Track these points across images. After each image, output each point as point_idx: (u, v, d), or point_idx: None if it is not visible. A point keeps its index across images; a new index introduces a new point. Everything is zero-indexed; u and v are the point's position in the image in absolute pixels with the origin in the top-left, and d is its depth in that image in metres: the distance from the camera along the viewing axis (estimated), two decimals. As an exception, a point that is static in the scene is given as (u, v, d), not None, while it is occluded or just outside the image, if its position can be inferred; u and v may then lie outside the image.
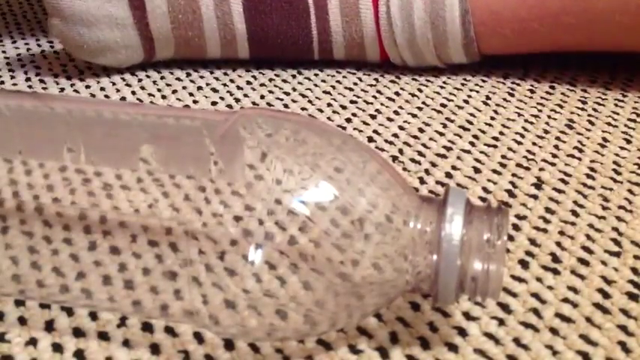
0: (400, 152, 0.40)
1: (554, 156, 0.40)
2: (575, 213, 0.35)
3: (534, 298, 0.30)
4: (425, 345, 0.28)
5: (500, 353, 0.27)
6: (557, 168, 0.38)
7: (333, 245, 0.24)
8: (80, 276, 0.25)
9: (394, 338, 0.28)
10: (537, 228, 0.34)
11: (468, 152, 0.40)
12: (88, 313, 0.29)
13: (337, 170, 0.25)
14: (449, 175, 0.38)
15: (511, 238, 0.33)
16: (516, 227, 0.34)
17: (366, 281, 0.24)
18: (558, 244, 0.33)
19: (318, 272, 0.24)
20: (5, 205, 0.25)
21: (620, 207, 0.35)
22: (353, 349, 0.28)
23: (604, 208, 0.35)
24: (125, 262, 0.25)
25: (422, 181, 0.38)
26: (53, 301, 0.26)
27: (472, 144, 0.41)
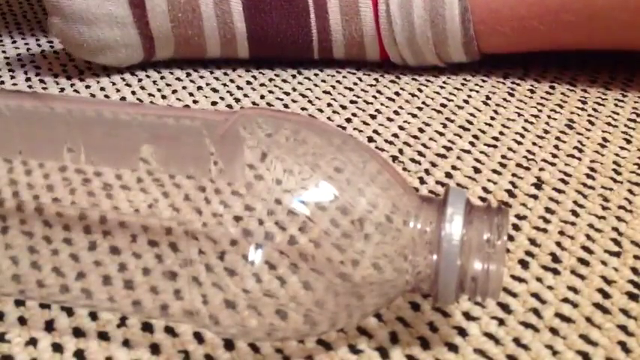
0: (400, 152, 0.40)
1: (554, 156, 0.40)
2: (575, 213, 0.35)
3: (534, 298, 0.30)
4: (425, 345, 0.28)
5: (500, 353, 0.27)
6: (557, 168, 0.38)
7: (333, 245, 0.24)
8: (80, 276, 0.25)
9: (394, 338, 0.28)
10: (537, 228, 0.34)
11: (468, 152, 0.40)
12: (88, 313, 0.29)
13: (337, 170, 0.25)
14: (449, 175, 0.38)
15: (511, 238, 0.33)
16: (516, 227, 0.34)
17: (366, 281, 0.24)
18: (558, 244, 0.33)
19: (318, 272, 0.24)
20: (5, 205, 0.25)
21: (620, 207, 0.35)
22: (353, 349, 0.28)
23: (604, 208, 0.35)
24: (125, 262, 0.25)
25: (422, 181, 0.38)
26: (53, 301, 0.26)
27: (472, 144, 0.41)
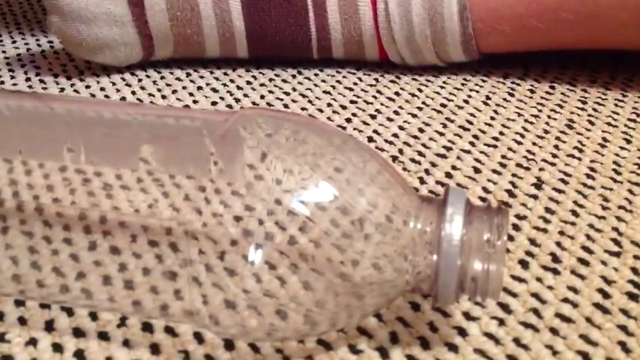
0: (400, 152, 0.40)
1: (554, 156, 0.40)
2: (575, 213, 0.35)
3: (534, 298, 0.30)
4: (425, 345, 0.28)
5: (500, 353, 0.27)
6: (557, 168, 0.38)
7: (333, 245, 0.24)
8: (80, 276, 0.25)
9: (394, 338, 0.28)
10: (537, 228, 0.34)
11: (468, 152, 0.40)
12: (88, 313, 0.29)
13: (337, 170, 0.25)
14: (449, 175, 0.38)
15: (511, 238, 0.33)
16: (516, 227, 0.34)
17: (366, 281, 0.24)
18: (558, 244, 0.33)
19: (318, 272, 0.24)
20: (5, 205, 0.25)
21: (620, 207, 0.35)
22: (353, 349, 0.28)
23: (604, 208, 0.35)
24: (125, 262, 0.25)
25: (422, 181, 0.38)
26: (53, 301, 0.26)
27: (472, 144, 0.41)
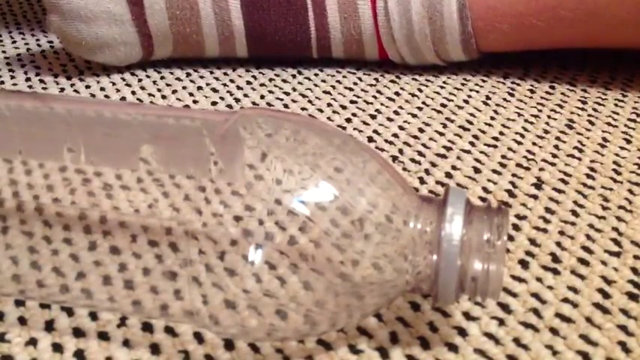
0: (400, 152, 0.40)
1: (554, 156, 0.40)
2: (575, 213, 0.35)
3: (534, 298, 0.30)
4: (425, 345, 0.28)
5: (500, 353, 0.27)
6: (557, 168, 0.38)
7: (333, 245, 0.24)
8: (80, 276, 0.25)
9: (394, 338, 0.28)
10: (537, 228, 0.34)
11: (468, 152, 0.40)
12: (88, 313, 0.29)
13: (337, 170, 0.25)
14: (449, 175, 0.38)
15: (511, 238, 0.33)
16: (516, 227, 0.34)
17: (366, 281, 0.24)
18: (558, 244, 0.33)
19: (318, 272, 0.24)
20: (5, 205, 0.25)
21: (620, 207, 0.35)
22: (353, 349, 0.28)
23: (604, 208, 0.35)
24: (125, 262, 0.25)
25: (422, 181, 0.38)
26: (53, 301, 0.26)
27: (472, 144, 0.41)
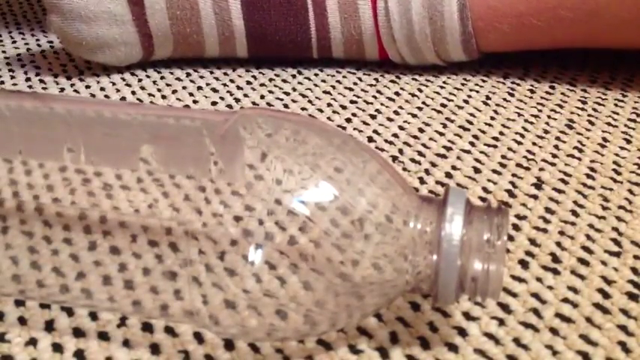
0: (400, 152, 0.40)
1: (554, 156, 0.40)
2: (575, 213, 0.35)
3: (534, 298, 0.30)
4: (425, 345, 0.28)
5: (500, 353, 0.27)
6: (557, 168, 0.38)
7: (333, 245, 0.24)
8: (80, 276, 0.25)
9: (394, 338, 0.28)
10: (537, 228, 0.34)
11: (468, 152, 0.40)
12: (88, 313, 0.29)
13: (337, 170, 0.25)
14: (449, 175, 0.38)
15: (511, 238, 0.33)
16: (516, 227, 0.34)
17: (366, 281, 0.24)
18: (558, 244, 0.33)
19: (318, 272, 0.24)
20: (5, 205, 0.25)
21: (620, 207, 0.35)
22: (353, 349, 0.28)
23: (604, 208, 0.35)
24: (125, 262, 0.25)
25: (422, 181, 0.38)
26: (53, 301, 0.26)
27: (472, 144, 0.41)
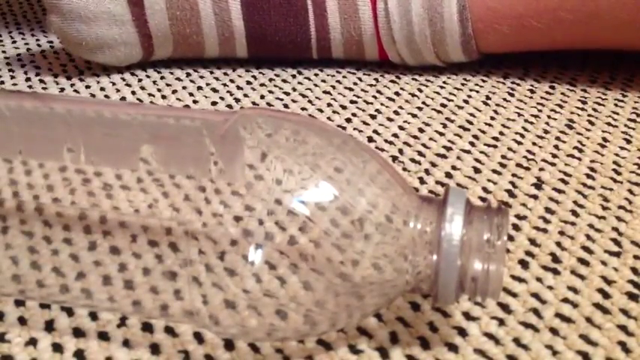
0: (400, 152, 0.40)
1: (554, 156, 0.40)
2: (575, 213, 0.35)
3: (534, 298, 0.30)
4: (425, 345, 0.28)
5: (500, 353, 0.27)
6: (557, 168, 0.38)
7: (333, 245, 0.24)
8: (80, 276, 0.25)
9: (394, 338, 0.28)
10: (537, 228, 0.34)
11: (468, 152, 0.40)
12: (88, 313, 0.29)
13: (337, 170, 0.25)
14: (449, 175, 0.38)
15: (511, 238, 0.33)
16: (516, 227, 0.34)
17: (366, 281, 0.24)
18: (558, 244, 0.33)
19: (318, 272, 0.24)
20: (5, 205, 0.25)
21: (620, 207, 0.35)
22: (353, 349, 0.28)
23: (604, 208, 0.35)
24: (125, 262, 0.25)
25: (422, 181, 0.38)
26: (53, 301, 0.26)
27: (472, 144, 0.41)
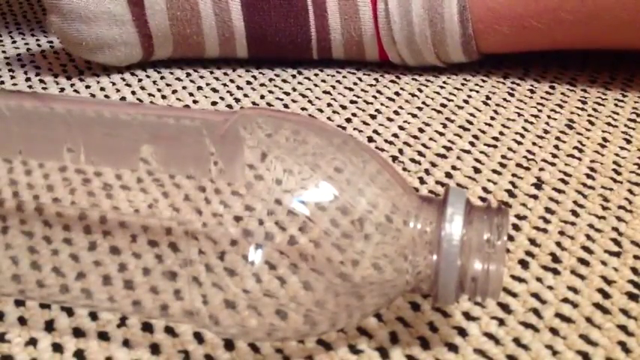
0: (400, 152, 0.40)
1: (554, 156, 0.40)
2: (575, 213, 0.35)
3: (534, 298, 0.30)
4: (425, 345, 0.28)
5: (500, 353, 0.27)
6: (557, 168, 0.38)
7: (333, 245, 0.24)
8: (80, 276, 0.25)
9: (394, 338, 0.28)
10: (537, 228, 0.34)
11: (468, 152, 0.40)
12: (88, 313, 0.29)
13: (337, 170, 0.25)
14: (449, 175, 0.38)
15: (511, 238, 0.33)
16: (516, 227, 0.34)
17: (366, 281, 0.24)
18: (558, 244, 0.33)
19: (318, 272, 0.24)
20: (5, 205, 0.25)
21: (620, 207, 0.35)
22: (353, 349, 0.28)
23: (604, 208, 0.35)
24: (125, 262, 0.25)
25: (422, 181, 0.38)
26: (53, 301, 0.26)
27: (472, 144, 0.41)
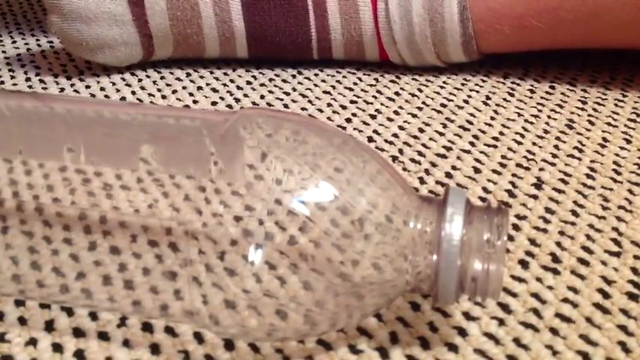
0: (400, 152, 0.40)
1: (554, 156, 0.40)
2: (575, 213, 0.35)
3: (534, 298, 0.30)
4: (425, 345, 0.28)
5: (500, 353, 0.27)
6: (557, 168, 0.38)
7: (333, 245, 0.24)
8: (80, 276, 0.25)
9: (394, 338, 0.28)
10: (537, 228, 0.34)
11: (468, 152, 0.40)
12: (88, 313, 0.29)
13: (337, 170, 0.25)
14: (449, 175, 0.38)
15: (511, 238, 0.33)
16: (516, 227, 0.34)
17: (366, 281, 0.24)
18: (558, 244, 0.33)
19: (318, 272, 0.24)
20: (5, 205, 0.25)
21: (620, 207, 0.35)
22: (353, 349, 0.28)
23: (604, 208, 0.35)
24: (125, 262, 0.25)
25: (422, 181, 0.38)
26: (53, 301, 0.26)
27: (472, 144, 0.41)
